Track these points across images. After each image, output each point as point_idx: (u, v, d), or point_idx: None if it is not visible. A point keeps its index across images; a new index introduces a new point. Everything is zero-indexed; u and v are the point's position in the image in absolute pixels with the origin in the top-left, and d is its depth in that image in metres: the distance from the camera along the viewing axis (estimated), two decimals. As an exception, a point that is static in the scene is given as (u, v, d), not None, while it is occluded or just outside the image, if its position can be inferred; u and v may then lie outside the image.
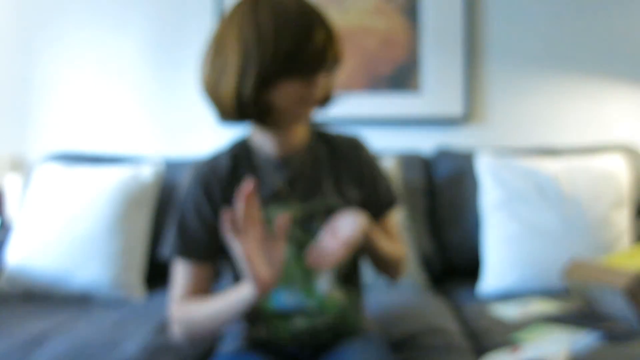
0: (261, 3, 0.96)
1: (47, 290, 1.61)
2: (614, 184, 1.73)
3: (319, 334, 1.05)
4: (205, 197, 1.04)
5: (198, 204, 1.04)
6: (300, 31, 0.94)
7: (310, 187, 1.06)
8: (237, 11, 0.97)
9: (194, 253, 1.05)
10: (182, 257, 1.05)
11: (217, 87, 0.98)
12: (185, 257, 1.05)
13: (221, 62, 0.97)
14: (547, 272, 1.61)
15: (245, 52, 0.94)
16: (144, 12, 2.24)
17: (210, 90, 1.00)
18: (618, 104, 2.22)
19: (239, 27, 0.95)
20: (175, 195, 1.88)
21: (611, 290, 1.28)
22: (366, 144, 1.14)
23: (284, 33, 0.93)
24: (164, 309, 1.48)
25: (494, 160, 1.80)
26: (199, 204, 1.04)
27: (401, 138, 2.21)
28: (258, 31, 0.93)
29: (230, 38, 0.96)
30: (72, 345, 1.21)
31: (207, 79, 1.01)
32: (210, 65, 1.00)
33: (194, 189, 1.05)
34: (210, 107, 1.04)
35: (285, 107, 0.98)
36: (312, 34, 0.94)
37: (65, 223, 1.65)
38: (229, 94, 0.96)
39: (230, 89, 0.96)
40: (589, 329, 1.26)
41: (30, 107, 2.27)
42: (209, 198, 1.04)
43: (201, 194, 1.04)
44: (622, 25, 2.21)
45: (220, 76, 0.97)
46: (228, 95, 0.97)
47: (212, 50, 1.00)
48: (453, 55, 2.17)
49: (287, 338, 1.05)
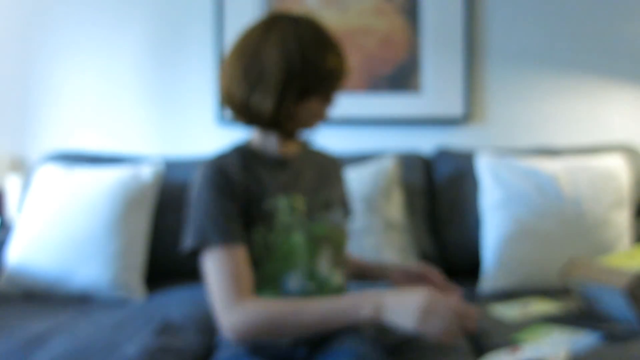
0: (301, 22, 1.06)
1: (47, 290, 1.61)
2: (614, 184, 1.73)
3: None
4: (227, 182, 1.05)
5: (223, 189, 1.04)
6: (337, 53, 1.07)
7: (311, 183, 1.15)
8: (277, 26, 1.05)
9: (237, 236, 1.03)
10: (226, 244, 1.01)
11: (251, 95, 1.04)
12: (229, 243, 1.01)
13: (256, 73, 1.03)
14: (546, 272, 1.61)
15: (289, 67, 1.02)
16: (144, 12, 2.24)
17: (241, 98, 1.06)
18: (618, 104, 2.22)
19: (281, 42, 1.03)
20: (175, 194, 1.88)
21: (611, 290, 1.28)
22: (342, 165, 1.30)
23: (324, 53, 1.05)
24: (164, 309, 1.49)
25: (494, 160, 1.80)
26: (223, 188, 1.04)
27: (401, 138, 2.21)
28: (302, 49, 1.03)
29: (270, 51, 1.03)
30: (72, 346, 1.21)
31: (234, 85, 1.06)
32: (241, 73, 1.05)
33: (212, 178, 1.05)
34: (229, 110, 1.11)
35: (305, 120, 1.10)
36: (344, 57, 1.08)
37: (65, 223, 1.65)
38: (264, 104, 1.04)
39: (267, 99, 1.03)
40: (589, 329, 1.26)
41: (30, 107, 2.27)
42: (230, 183, 1.05)
43: (223, 180, 1.05)
44: (622, 26, 2.21)
45: (255, 85, 1.04)
46: (265, 106, 1.04)
47: (244, 59, 1.05)
48: (453, 56, 2.18)
49: None
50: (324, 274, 1.10)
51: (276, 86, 1.03)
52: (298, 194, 1.11)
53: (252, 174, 1.09)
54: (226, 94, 1.09)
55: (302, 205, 1.10)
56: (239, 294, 0.98)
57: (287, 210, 1.08)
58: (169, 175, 1.90)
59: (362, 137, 2.19)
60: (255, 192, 1.07)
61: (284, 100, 1.04)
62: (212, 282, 1.02)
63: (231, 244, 1.01)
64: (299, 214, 1.09)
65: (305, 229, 1.09)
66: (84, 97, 2.26)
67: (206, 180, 1.05)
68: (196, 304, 1.54)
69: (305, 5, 2.18)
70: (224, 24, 2.19)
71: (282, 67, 1.02)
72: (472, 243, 1.84)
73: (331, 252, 1.12)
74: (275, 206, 1.07)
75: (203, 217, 1.03)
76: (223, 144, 2.20)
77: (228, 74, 1.08)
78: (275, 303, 0.99)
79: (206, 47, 2.23)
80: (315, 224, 1.11)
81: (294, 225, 1.08)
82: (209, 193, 1.04)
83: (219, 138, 2.24)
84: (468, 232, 1.87)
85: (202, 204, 1.04)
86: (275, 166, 1.13)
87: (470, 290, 1.70)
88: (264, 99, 1.04)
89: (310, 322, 0.96)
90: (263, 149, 1.14)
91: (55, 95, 2.26)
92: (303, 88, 1.04)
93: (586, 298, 1.40)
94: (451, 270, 1.90)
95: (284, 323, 0.97)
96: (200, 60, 2.24)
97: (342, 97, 1.79)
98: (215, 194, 1.03)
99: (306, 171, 1.16)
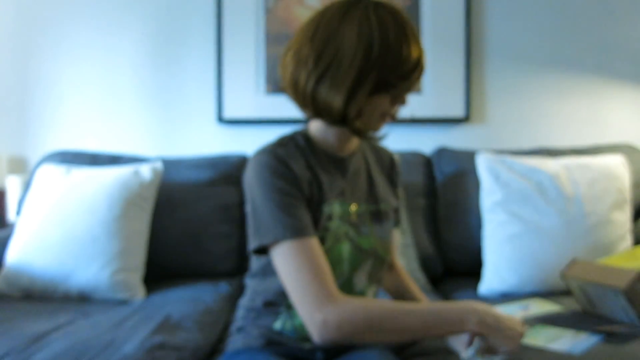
0: (383, 6, 0.93)
1: (46, 290, 1.61)
2: (615, 184, 1.73)
3: None
4: (291, 172, 0.95)
5: (289, 179, 0.95)
6: (418, 44, 0.94)
7: (367, 190, 1.08)
8: (357, 7, 0.93)
9: (310, 228, 0.94)
10: (302, 237, 0.92)
11: (318, 84, 0.93)
12: (305, 235, 0.92)
13: (330, 59, 0.92)
14: (547, 273, 1.61)
15: (368, 54, 0.91)
16: (144, 12, 2.24)
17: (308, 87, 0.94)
18: (618, 104, 2.22)
19: (361, 25, 0.91)
20: (175, 194, 1.88)
21: (612, 290, 1.28)
22: None
23: (407, 42, 0.92)
24: (163, 308, 1.49)
25: (494, 160, 1.80)
26: (289, 178, 0.95)
27: (402, 138, 2.21)
28: (384, 34, 0.91)
29: (348, 34, 0.91)
30: (72, 345, 1.20)
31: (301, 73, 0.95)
32: (311, 59, 0.93)
33: (276, 167, 0.94)
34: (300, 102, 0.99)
35: (372, 118, 0.98)
36: (422, 56, 0.95)
37: (65, 223, 1.64)
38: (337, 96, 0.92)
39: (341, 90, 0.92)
40: (589, 329, 1.26)
41: (30, 107, 2.27)
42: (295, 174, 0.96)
43: (288, 170, 0.95)
44: (622, 26, 2.21)
45: (327, 74, 0.92)
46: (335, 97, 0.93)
47: (315, 42, 0.93)
48: (454, 55, 2.18)
49: (301, 337, 1.03)
50: (360, 288, 1.05)
51: (351, 74, 0.91)
52: (352, 201, 1.04)
53: (313, 173, 1.00)
54: (290, 82, 0.97)
55: (355, 215, 1.03)
56: (331, 289, 0.89)
57: (340, 219, 1.01)
58: (169, 175, 1.90)
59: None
60: (314, 194, 0.99)
61: (357, 92, 0.92)
62: (294, 279, 0.91)
63: (307, 236, 0.92)
64: (350, 224, 1.03)
65: (353, 240, 1.03)
66: (84, 97, 2.26)
67: (268, 168, 0.94)
68: (195, 302, 1.54)
69: (305, 5, 2.18)
70: (223, 24, 2.19)
71: (360, 53, 0.91)
72: (473, 243, 1.84)
73: (371, 267, 1.06)
74: (330, 213, 1.00)
75: (274, 209, 0.92)
76: (223, 144, 2.23)
77: (294, 59, 0.96)
78: (373, 302, 0.92)
79: (206, 46, 2.23)
80: (363, 236, 1.04)
81: (343, 235, 1.01)
82: (275, 182, 0.93)
83: (219, 138, 2.24)
84: (469, 232, 1.86)
85: (269, 195, 0.93)
86: (333, 166, 1.04)
87: (470, 291, 1.70)
88: (336, 89, 0.92)
89: (413, 326, 0.89)
90: (323, 143, 1.04)
91: (55, 95, 2.26)
92: (380, 79, 0.92)
93: (586, 298, 1.40)
94: (451, 270, 1.90)
95: (385, 324, 0.89)
96: (200, 60, 2.24)
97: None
98: (282, 183, 0.93)
99: (361, 173, 1.08)
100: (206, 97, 2.24)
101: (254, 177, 0.96)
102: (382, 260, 1.09)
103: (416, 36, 0.94)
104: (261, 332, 1.04)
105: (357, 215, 1.04)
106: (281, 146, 0.99)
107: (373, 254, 1.06)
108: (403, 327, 0.89)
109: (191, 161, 1.98)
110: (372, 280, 1.08)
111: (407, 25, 0.94)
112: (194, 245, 1.84)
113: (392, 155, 1.20)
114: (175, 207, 1.87)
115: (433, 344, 1.26)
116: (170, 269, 1.84)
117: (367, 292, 1.08)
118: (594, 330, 1.25)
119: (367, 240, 1.05)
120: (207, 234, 1.83)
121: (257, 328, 1.05)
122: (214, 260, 1.83)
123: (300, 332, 1.03)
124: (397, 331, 0.89)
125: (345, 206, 1.03)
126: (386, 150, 1.20)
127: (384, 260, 1.09)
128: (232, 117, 2.21)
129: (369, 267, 1.06)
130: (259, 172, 0.95)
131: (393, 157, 1.20)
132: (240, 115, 2.21)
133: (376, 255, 1.07)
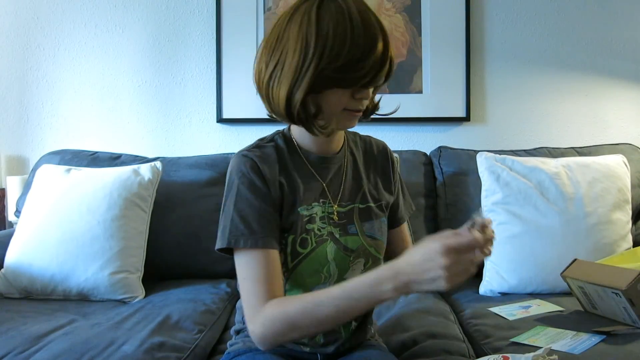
0: (325, 4, 0.92)
1: (46, 290, 1.61)
2: (616, 184, 1.73)
3: (337, 334, 1.05)
4: (262, 183, 0.97)
5: (260, 190, 0.97)
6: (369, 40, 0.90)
7: (353, 188, 1.07)
8: (300, 9, 0.94)
9: (269, 239, 0.95)
10: (255, 247, 0.94)
11: (269, 84, 0.95)
12: (259, 246, 0.94)
13: (278, 59, 0.94)
14: (547, 273, 1.60)
15: (306, 51, 0.90)
16: (144, 12, 2.24)
17: (263, 87, 0.97)
18: (618, 104, 2.22)
19: (299, 25, 0.92)
20: (175, 194, 1.88)
21: (612, 290, 1.28)
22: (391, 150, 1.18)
23: (345, 40, 0.89)
24: (163, 308, 1.48)
25: (494, 160, 1.80)
26: (260, 189, 0.97)
27: (402, 138, 2.21)
28: (319, 33, 0.90)
29: (291, 35, 0.92)
30: (72, 346, 1.20)
31: (260, 74, 0.97)
32: (266, 61, 0.96)
33: (249, 176, 0.97)
34: (264, 103, 1.00)
35: (331, 114, 0.96)
36: (373, 48, 0.90)
37: (64, 223, 1.64)
38: (281, 93, 0.93)
39: (283, 87, 0.93)
40: (589, 330, 1.26)
41: (30, 107, 2.27)
42: (267, 184, 0.98)
43: (259, 180, 0.97)
44: (622, 26, 2.21)
45: (275, 73, 0.94)
46: (280, 94, 0.93)
47: (269, 45, 0.96)
48: (454, 55, 2.18)
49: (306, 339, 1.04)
50: None
51: (291, 71, 0.92)
52: (334, 202, 1.03)
53: (288, 176, 1.01)
54: (255, 82, 1.00)
55: (337, 215, 1.03)
56: (260, 301, 0.91)
57: (323, 220, 1.01)
58: (168, 175, 1.90)
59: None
60: (286, 197, 1.00)
61: (297, 88, 0.92)
62: (240, 285, 0.96)
63: (262, 247, 0.94)
64: (334, 225, 1.02)
65: (338, 241, 1.02)
66: (84, 97, 2.26)
67: (239, 176, 0.97)
68: (195, 303, 1.54)
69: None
70: (223, 24, 2.19)
71: (298, 50, 0.91)
72: (473, 243, 1.83)
73: (365, 266, 1.04)
74: (311, 215, 1.00)
75: (235, 216, 0.95)
76: (223, 144, 2.23)
77: (256, 60, 0.99)
78: (291, 302, 0.91)
79: (206, 46, 2.23)
80: (351, 235, 1.03)
81: (327, 236, 1.01)
82: (242, 191, 0.96)
83: (218, 138, 2.24)
84: (468, 232, 1.86)
85: (235, 201, 0.96)
86: (314, 167, 1.04)
87: (470, 292, 1.70)
88: (280, 86, 0.93)
89: (328, 314, 0.87)
90: (303, 144, 1.04)
91: (55, 95, 2.26)
92: (321, 73, 0.90)
93: (587, 299, 1.40)
94: (451, 271, 1.90)
95: (303, 320, 0.89)
96: (200, 60, 2.24)
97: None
98: (248, 193, 0.96)
99: (347, 172, 1.07)
100: (206, 97, 2.24)
101: (227, 179, 0.99)
102: (374, 257, 1.06)
103: (370, 28, 0.90)
104: None
105: (341, 215, 1.03)
106: (259, 148, 1.02)
107: (364, 253, 1.04)
108: (319, 319, 0.88)
109: (191, 161, 1.98)
110: None
111: (358, 18, 0.90)
112: (193, 245, 1.84)
113: (383, 146, 1.17)
114: (174, 206, 1.86)
115: (433, 344, 1.26)
116: (170, 269, 1.84)
117: None
118: (595, 330, 1.25)
119: (355, 240, 1.04)
120: (206, 233, 1.83)
121: None
122: (214, 261, 1.83)
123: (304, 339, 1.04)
124: (315, 324, 0.89)
125: (327, 207, 1.03)
126: (377, 142, 1.17)
127: (376, 257, 1.07)
128: (232, 117, 2.21)
129: (362, 267, 1.04)
130: (231, 176, 0.99)
131: (386, 148, 1.16)
132: (240, 115, 2.21)
133: (368, 254, 1.05)
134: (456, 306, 1.60)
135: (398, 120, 2.19)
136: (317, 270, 1.01)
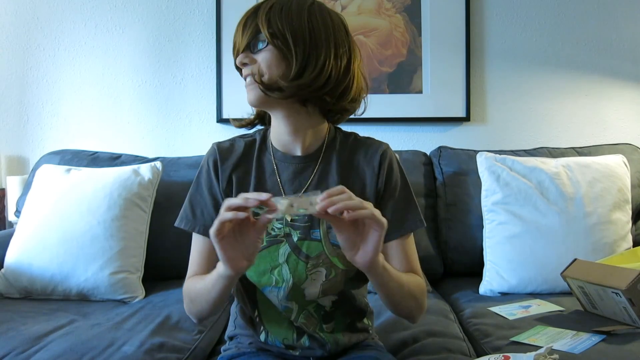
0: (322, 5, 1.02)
1: (46, 290, 1.61)
2: (616, 184, 1.73)
3: (319, 339, 1.05)
4: (214, 174, 1.04)
5: (209, 180, 1.05)
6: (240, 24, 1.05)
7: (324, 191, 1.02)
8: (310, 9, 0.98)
9: (205, 228, 1.01)
10: (194, 231, 1.04)
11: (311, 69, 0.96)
12: (196, 231, 1.04)
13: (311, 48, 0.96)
14: (547, 273, 1.60)
15: (336, 37, 0.98)
16: (144, 12, 2.24)
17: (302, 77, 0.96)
18: (618, 104, 2.22)
19: (320, 19, 0.98)
20: (175, 195, 1.88)
21: (612, 290, 1.28)
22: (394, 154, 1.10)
23: None
24: (162, 308, 1.49)
25: (494, 160, 1.80)
26: (209, 179, 1.05)
27: (402, 138, 2.21)
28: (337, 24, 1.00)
29: (316, 30, 0.97)
30: (72, 346, 1.20)
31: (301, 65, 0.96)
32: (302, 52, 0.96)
33: (206, 166, 1.06)
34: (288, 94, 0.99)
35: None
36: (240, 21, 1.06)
37: (64, 223, 1.64)
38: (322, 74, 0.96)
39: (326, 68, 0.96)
40: (589, 330, 1.26)
41: (30, 107, 2.27)
42: (217, 176, 1.04)
43: (212, 171, 1.04)
44: (621, 26, 2.21)
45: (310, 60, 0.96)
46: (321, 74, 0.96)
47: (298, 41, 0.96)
48: (454, 55, 2.18)
49: (286, 345, 1.05)
50: (311, 298, 1.01)
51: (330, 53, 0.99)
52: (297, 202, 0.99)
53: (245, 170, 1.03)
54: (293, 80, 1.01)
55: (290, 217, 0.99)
56: (189, 275, 1.04)
57: (278, 221, 0.99)
58: (168, 175, 1.90)
59: (362, 137, 2.19)
60: (238, 191, 1.01)
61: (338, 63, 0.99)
62: None
63: (200, 233, 1.03)
64: (292, 227, 0.99)
65: (295, 245, 0.99)
66: (84, 97, 2.26)
67: (203, 164, 1.07)
68: (196, 304, 1.54)
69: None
70: (223, 24, 2.19)
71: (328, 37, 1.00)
72: (473, 243, 1.83)
73: (326, 277, 0.99)
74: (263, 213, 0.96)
75: (187, 200, 1.06)
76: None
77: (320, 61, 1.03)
78: (191, 281, 1.02)
79: (206, 46, 2.23)
80: (311, 240, 0.99)
81: (281, 237, 0.99)
82: (199, 177, 1.06)
83: (218, 138, 2.23)
84: (469, 232, 1.86)
85: (192, 186, 1.07)
86: (280, 166, 1.03)
87: (470, 291, 1.70)
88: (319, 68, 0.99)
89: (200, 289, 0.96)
90: (276, 142, 1.06)
91: (54, 95, 2.26)
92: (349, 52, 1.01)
93: (587, 298, 1.40)
94: (451, 271, 1.90)
95: (190, 294, 1.01)
96: (200, 60, 2.24)
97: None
98: (200, 180, 1.05)
99: (317, 173, 1.02)
100: (206, 97, 2.24)
101: (197, 172, 1.08)
102: (343, 271, 1.00)
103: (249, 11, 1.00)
104: (250, 341, 1.08)
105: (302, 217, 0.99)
106: (232, 140, 1.10)
107: (325, 262, 0.99)
108: (202, 300, 0.96)
109: (191, 161, 1.98)
110: (330, 291, 1.02)
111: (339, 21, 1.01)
112: (193, 245, 1.83)
113: (377, 150, 1.06)
114: (174, 207, 1.84)
115: (434, 342, 1.26)
116: (170, 269, 1.83)
117: (325, 303, 1.02)
118: (595, 330, 1.25)
119: (316, 246, 0.99)
120: (206, 234, 1.83)
121: (246, 337, 1.09)
122: (214, 261, 1.83)
123: (286, 343, 1.05)
124: (198, 298, 0.97)
125: None
126: (372, 145, 1.07)
127: (345, 272, 1.00)
128: (232, 117, 2.20)
129: (323, 278, 0.99)
130: (201, 162, 1.08)
131: (384, 151, 1.06)
132: (240, 115, 2.20)
133: (330, 265, 0.99)
134: (456, 306, 1.61)
135: (398, 120, 2.19)
136: (266, 270, 0.99)
